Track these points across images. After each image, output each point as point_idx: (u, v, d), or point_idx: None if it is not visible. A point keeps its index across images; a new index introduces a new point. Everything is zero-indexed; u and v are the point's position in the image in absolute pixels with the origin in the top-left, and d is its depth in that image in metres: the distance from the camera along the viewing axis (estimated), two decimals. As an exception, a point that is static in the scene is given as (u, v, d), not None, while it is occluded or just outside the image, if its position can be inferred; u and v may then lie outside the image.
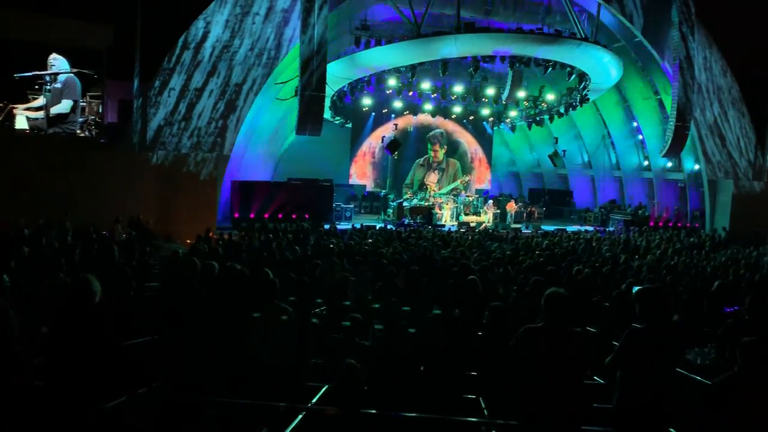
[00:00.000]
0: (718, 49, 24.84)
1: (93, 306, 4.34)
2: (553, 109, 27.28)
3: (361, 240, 15.82)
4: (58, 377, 4.24)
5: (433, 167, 33.08)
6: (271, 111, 23.24)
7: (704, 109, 24.60)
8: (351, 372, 4.08)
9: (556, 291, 4.17)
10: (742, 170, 25.26)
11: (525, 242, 17.39)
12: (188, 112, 19.27)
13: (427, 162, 33.08)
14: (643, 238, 19.69)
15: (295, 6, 19.50)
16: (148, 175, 18.74)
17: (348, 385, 4.06)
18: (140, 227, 16.32)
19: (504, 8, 24.18)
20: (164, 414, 4.53)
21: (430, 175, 32.43)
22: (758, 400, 3.84)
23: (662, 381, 4.04)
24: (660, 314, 4.18)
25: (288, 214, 22.65)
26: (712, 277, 10.94)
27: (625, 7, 22.73)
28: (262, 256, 11.64)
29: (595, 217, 29.34)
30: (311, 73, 18.83)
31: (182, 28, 18.97)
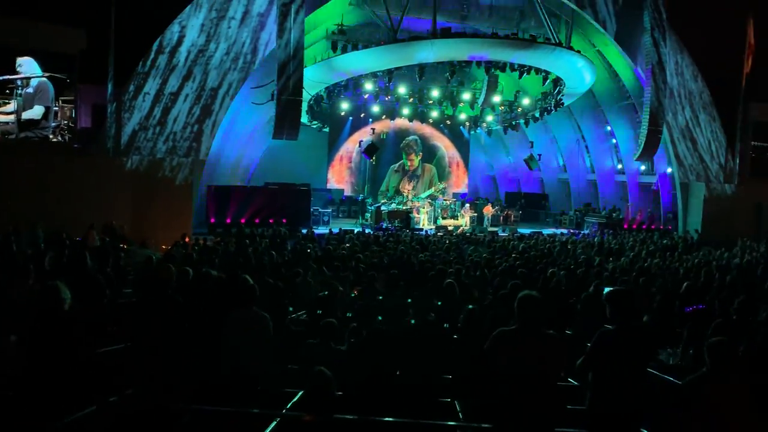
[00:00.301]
0: (689, 54, 25.28)
1: (62, 314, 4.28)
2: (528, 113, 27.53)
3: (339, 245, 15.80)
4: (28, 386, 4.17)
5: (408, 174, 33.19)
6: (247, 115, 23.13)
7: (676, 114, 24.99)
8: (321, 379, 4.07)
9: (529, 294, 4.20)
10: (713, 173, 25.70)
11: (501, 245, 17.51)
12: (163, 117, 19.08)
13: (402, 168, 33.17)
14: (617, 241, 19.92)
15: (271, 10, 19.43)
16: (122, 180, 18.49)
17: (318, 392, 4.05)
18: (114, 233, 16.09)
19: (480, 14, 24.42)
20: (135, 422, 4.47)
21: (405, 182, 32.50)
22: (726, 400, 3.91)
23: (634, 382, 4.10)
24: (629, 316, 4.24)
25: (265, 219, 22.54)
26: (684, 278, 11.11)
27: (598, 13, 23.04)
28: (237, 261, 11.56)
29: (571, 220, 29.65)
30: (288, 78, 18.79)
31: (157, 32, 18.79)
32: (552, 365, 4.10)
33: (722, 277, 11.16)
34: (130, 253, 13.45)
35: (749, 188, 25.56)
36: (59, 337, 4.20)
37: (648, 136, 23.12)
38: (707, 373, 4.00)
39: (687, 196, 25.74)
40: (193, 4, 18.96)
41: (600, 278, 10.77)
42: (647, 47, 22.93)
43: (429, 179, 33.31)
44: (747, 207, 25.18)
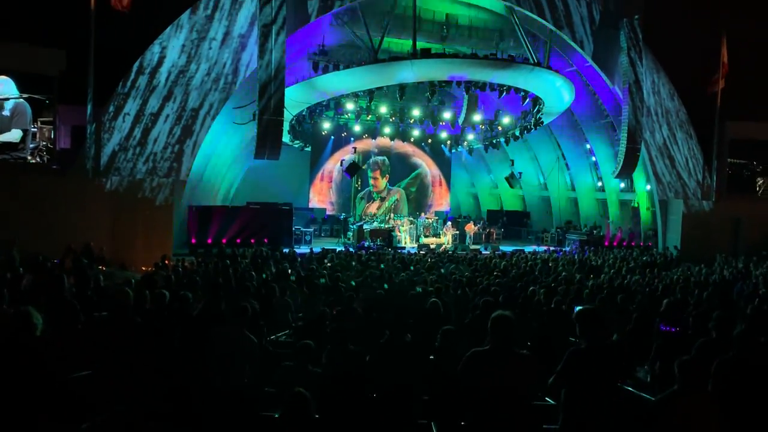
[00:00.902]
0: (666, 73, 25.76)
1: (33, 339, 4.23)
2: (508, 132, 27.80)
3: (320, 264, 15.76)
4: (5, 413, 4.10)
5: (372, 197, 33.20)
6: (228, 135, 23.12)
7: (654, 132, 25.38)
8: (299, 400, 4.04)
9: (502, 314, 4.23)
10: (691, 190, 26.08)
11: (483, 263, 17.57)
12: (143, 137, 19.02)
13: (367, 194, 33.15)
14: (598, 258, 20.08)
15: (252, 31, 19.54)
16: (102, 201, 18.35)
17: (296, 414, 4.02)
18: (93, 255, 15.92)
19: (459, 34, 24.73)
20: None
21: (371, 205, 32.52)
22: (696, 417, 3.95)
23: (604, 400, 4.13)
24: (599, 334, 4.28)
25: (246, 239, 22.44)
26: (662, 295, 11.20)
27: (575, 33, 23.45)
28: (218, 282, 11.47)
29: (552, 237, 29.86)
30: (269, 98, 18.85)
31: (137, 52, 18.80)
32: (525, 384, 4.12)
33: (700, 294, 11.28)
34: (109, 276, 13.30)
35: (726, 204, 25.94)
36: (30, 362, 4.14)
37: (626, 154, 23.47)
38: (678, 390, 4.05)
39: (666, 212, 26.06)
40: (174, 24, 19.02)
41: (580, 296, 10.83)
42: (624, 67, 23.36)
43: (394, 204, 33.33)
44: (724, 223, 25.53)
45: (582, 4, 23.68)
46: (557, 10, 23.04)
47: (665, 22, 24.69)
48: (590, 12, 23.86)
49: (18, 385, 4.06)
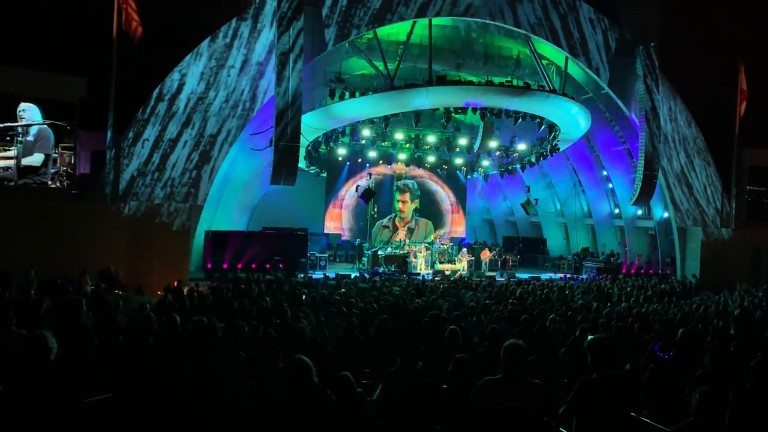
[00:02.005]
0: (682, 100, 25.71)
1: (48, 363, 4.25)
2: (524, 158, 27.79)
3: (335, 290, 15.74)
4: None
5: (399, 228, 32.88)
6: (245, 161, 23.35)
7: (671, 159, 25.26)
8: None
9: (515, 342, 4.20)
10: (710, 218, 25.83)
11: (499, 290, 17.44)
12: (162, 163, 19.28)
13: (392, 223, 32.85)
14: (615, 286, 19.85)
15: (270, 59, 19.84)
16: (120, 225, 18.58)
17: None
18: (110, 279, 16.07)
19: (474, 61, 24.90)
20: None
21: (397, 236, 32.08)
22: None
23: (616, 429, 4.05)
24: (610, 363, 4.23)
25: (262, 264, 22.51)
26: (680, 324, 11.03)
27: (591, 60, 23.53)
28: (233, 307, 11.49)
29: (569, 264, 29.60)
30: (286, 125, 19.05)
31: (157, 79, 19.16)
32: (537, 413, 4.08)
33: (718, 323, 11.09)
34: (126, 300, 13.40)
35: (746, 232, 25.64)
36: (44, 386, 4.16)
37: (644, 181, 23.34)
38: (694, 421, 3.97)
39: (684, 240, 25.79)
40: (193, 52, 19.38)
41: (596, 324, 10.68)
42: (640, 94, 23.36)
43: (424, 233, 33.07)
44: (744, 251, 25.20)
45: (598, 32, 23.78)
46: (573, 38, 23.16)
47: (682, 48, 24.73)
48: (606, 40, 23.94)
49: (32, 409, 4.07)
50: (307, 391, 4.20)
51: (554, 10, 22.92)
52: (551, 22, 22.80)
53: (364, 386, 5.87)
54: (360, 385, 5.40)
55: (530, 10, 22.49)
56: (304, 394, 4.19)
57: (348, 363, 5.56)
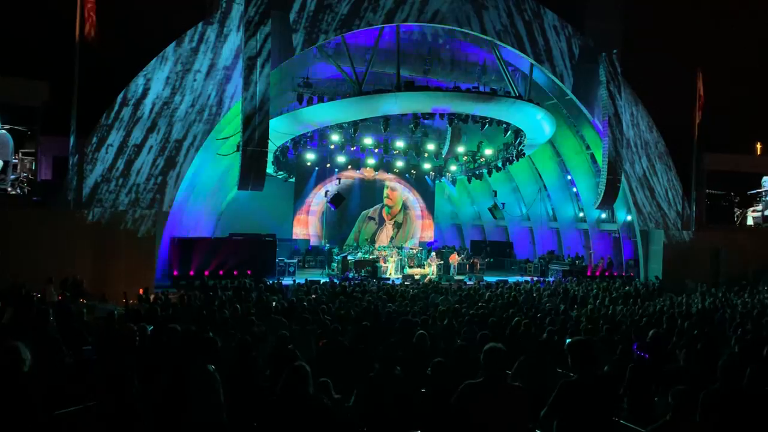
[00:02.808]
0: (644, 106, 26.32)
1: (22, 375, 4.14)
2: (491, 163, 28.10)
3: (305, 296, 15.66)
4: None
5: (386, 221, 33.05)
6: (212, 166, 23.09)
7: (633, 163, 25.81)
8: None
9: (495, 346, 4.25)
10: (671, 220, 26.45)
11: (467, 294, 17.57)
12: (126, 169, 18.95)
13: (378, 215, 32.97)
14: (580, 288, 20.18)
15: (236, 64, 19.68)
16: (83, 233, 18.18)
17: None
18: (74, 288, 15.71)
19: (442, 67, 25.11)
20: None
21: (383, 231, 32.22)
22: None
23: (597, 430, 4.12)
24: (591, 365, 4.30)
25: (229, 271, 22.25)
26: (646, 326, 11.27)
27: (555, 67, 23.93)
28: (201, 315, 11.35)
29: (535, 267, 29.99)
30: (253, 129, 18.88)
31: (122, 84, 18.83)
32: (518, 416, 4.13)
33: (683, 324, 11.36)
34: (91, 309, 13.11)
35: (705, 234, 26.34)
36: (18, 399, 4.05)
37: (607, 185, 23.79)
38: (670, 420, 4.06)
39: (647, 243, 26.37)
40: (159, 57, 19.10)
41: (565, 326, 10.85)
42: (603, 100, 23.83)
43: (411, 230, 33.27)
44: (704, 253, 25.86)
45: (562, 38, 24.21)
46: (538, 45, 23.53)
47: (643, 56, 25.35)
48: (570, 46, 24.39)
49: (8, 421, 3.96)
50: (303, 399, 4.17)
51: (519, 17, 23.25)
52: (516, 29, 23.13)
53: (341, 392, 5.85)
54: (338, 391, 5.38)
55: (496, 17, 22.78)
56: (300, 402, 4.16)
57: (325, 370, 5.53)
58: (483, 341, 6.68)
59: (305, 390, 4.23)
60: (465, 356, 5.30)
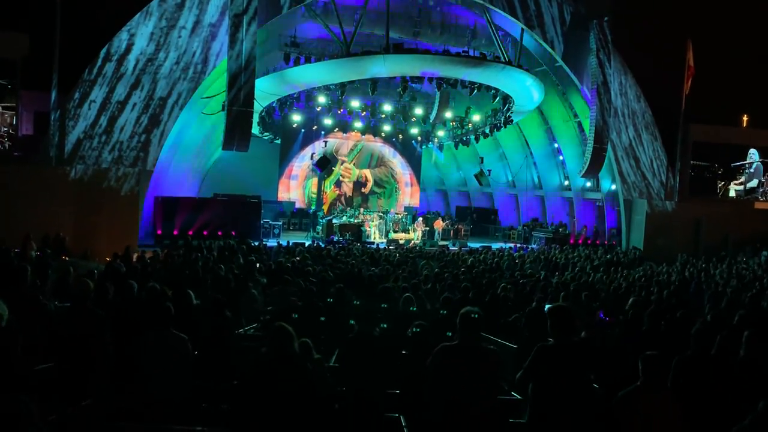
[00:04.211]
0: (633, 75, 26.25)
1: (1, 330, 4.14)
2: (478, 129, 28.00)
3: (289, 258, 15.69)
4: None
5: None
6: (197, 126, 22.83)
7: (620, 132, 25.87)
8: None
9: (470, 310, 4.30)
10: (655, 190, 26.66)
11: (451, 259, 17.71)
12: (110, 126, 18.69)
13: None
14: (562, 256, 20.40)
15: (222, 21, 19.31)
16: (65, 190, 18.00)
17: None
18: (56, 244, 15.61)
19: (432, 30, 24.78)
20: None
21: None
22: (658, 412, 4.06)
23: (571, 395, 4.21)
24: (569, 331, 4.37)
25: (213, 231, 22.18)
26: (626, 293, 11.44)
27: (546, 33, 23.72)
28: (184, 274, 11.35)
29: (519, 234, 30.21)
30: (239, 89, 18.65)
31: (105, 39, 18.44)
32: (491, 379, 4.21)
33: (660, 292, 11.55)
34: (73, 265, 13.05)
35: (688, 205, 26.61)
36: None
37: (593, 154, 23.85)
38: (641, 386, 4.15)
39: (630, 212, 26.60)
40: (143, 12, 18.70)
41: (545, 293, 10.99)
42: (593, 68, 23.74)
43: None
44: (686, 223, 26.17)
45: (553, 4, 23.95)
46: (529, 10, 23.26)
47: (634, 24, 25.17)
48: (561, 13, 24.15)
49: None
50: (286, 359, 4.21)
51: (511, -19, 22.94)
52: (508, -7, 22.84)
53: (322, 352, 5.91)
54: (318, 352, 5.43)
55: (488, -20, 22.43)
56: (284, 361, 4.20)
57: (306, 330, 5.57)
58: (461, 304, 6.77)
59: (292, 349, 4.28)
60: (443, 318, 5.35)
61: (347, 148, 33.32)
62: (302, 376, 4.19)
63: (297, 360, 4.26)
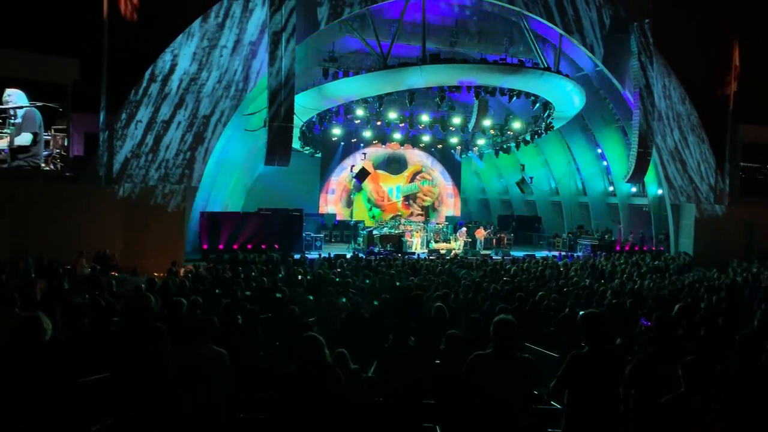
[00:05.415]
0: (677, 77, 25.64)
1: (43, 344, 4.30)
2: (519, 137, 27.77)
3: (331, 269, 15.83)
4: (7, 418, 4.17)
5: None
6: (240, 142, 23.29)
7: (665, 136, 25.26)
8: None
9: (505, 318, 4.28)
10: (703, 194, 25.91)
11: (493, 269, 17.55)
12: (155, 144, 19.20)
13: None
14: (609, 263, 19.99)
15: (262, 39, 19.68)
16: (114, 207, 18.55)
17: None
18: (105, 261, 16.10)
19: (469, 39, 24.75)
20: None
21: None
22: (703, 419, 3.95)
23: (606, 403, 4.14)
24: (602, 338, 4.30)
25: (257, 245, 22.55)
26: (672, 300, 11.15)
27: (585, 37, 23.41)
28: (231, 288, 11.56)
29: (564, 242, 29.74)
30: (279, 105, 18.96)
31: (149, 60, 18.99)
32: (526, 388, 4.16)
33: (710, 298, 11.21)
34: (121, 282, 13.45)
35: (739, 209, 25.76)
36: (38, 367, 4.21)
37: (638, 158, 23.37)
38: (684, 392, 4.05)
39: (678, 217, 25.92)
40: (185, 33, 19.20)
41: (590, 300, 10.80)
42: (635, 71, 23.29)
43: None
44: (738, 227, 25.34)
45: (592, 8, 23.64)
46: (567, 15, 23.01)
47: (676, 25, 24.47)
48: (600, 16, 23.81)
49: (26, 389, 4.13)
50: (319, 368, 4.26)
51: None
52: None
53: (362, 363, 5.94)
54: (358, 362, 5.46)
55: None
56: (315, 371, 4.25)
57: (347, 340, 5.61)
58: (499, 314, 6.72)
59: (322, 359, 4.32)
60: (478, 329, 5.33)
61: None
62: (334, 387, 4.22)
63: (329, 370, 4.30)
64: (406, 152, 33.33)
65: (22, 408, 4.11)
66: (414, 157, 33.98)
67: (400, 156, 33.19)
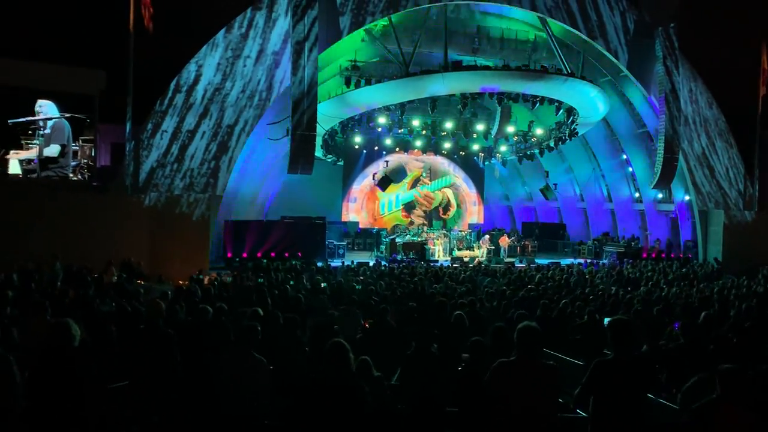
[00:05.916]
0: (703, 81, 25.30)
1: (72, 350, 4.36)
2: (543, 143, 27.57)
3: (354, 277, 15.83)
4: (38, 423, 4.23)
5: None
6: (263, 151, 23.48)
7: (692, 141, 24.91)
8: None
9: (528, 325, 4.23)
10: (732, 200, 25.47)
11: (517, 276, 17.39)
12: (181, 154, 19.45)
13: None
14: (635, 270, 19.71)
15: (285, 49, 19.87)
16: (140, 216, 18.80)
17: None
18: (132, 269, 16.30)
19: (491, 46, 24.69)
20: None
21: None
22: (737, 425, 3.86)
23: (632, 410, 4.06)
24: (628, 345, 4.23)
25: (281, 253, 22.67)
26: (700, 308, 10.94)
27: (609, 43, 23.24)
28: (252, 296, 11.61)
29: (589, 249, 29.39)
30: (302, 114, 19.09)
31: (174, 71, 19.29)
32: (550, 396, 4.11)
33: (740, 306, 10.97)
34: (147, 290, 13.59)
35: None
36: (67, 372, 4.27)
37: (664, 164, 23.07)
38: (718, 398, 3.97)
39: (706, 223, 25.48)
40: (210, 43, 19.47)
41: (616, 308, 10.65)
42: (660, 76, 23.04)
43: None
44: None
45: (616, 13, 23.46)
46: (590, 21, 22.87)
47: (702, 29, 24.27)
48: (624, 21, 23.62)
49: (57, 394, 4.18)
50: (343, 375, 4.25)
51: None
52: (568, 5, 22.54)
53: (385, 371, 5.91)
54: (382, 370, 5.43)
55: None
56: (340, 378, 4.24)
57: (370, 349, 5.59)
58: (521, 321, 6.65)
59: (347, 366, 4.31)
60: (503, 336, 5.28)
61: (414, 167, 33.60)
62: (357, 394, 4.20)
63: (352, 378, 4.29)
64: (409, 159, 33.20)
65: (54, 411, 4.17)
66: (414, 164, 33.81)
67: (399, 166, 32.88)
